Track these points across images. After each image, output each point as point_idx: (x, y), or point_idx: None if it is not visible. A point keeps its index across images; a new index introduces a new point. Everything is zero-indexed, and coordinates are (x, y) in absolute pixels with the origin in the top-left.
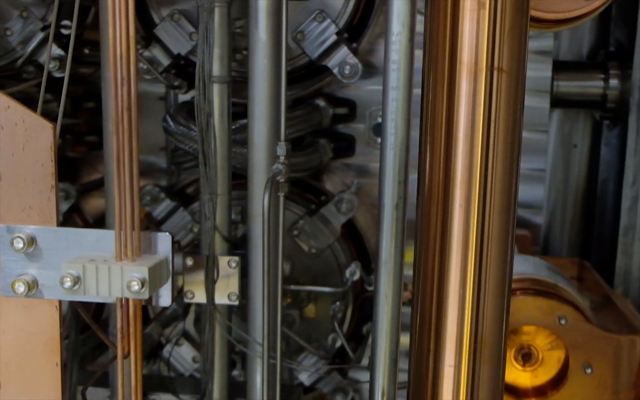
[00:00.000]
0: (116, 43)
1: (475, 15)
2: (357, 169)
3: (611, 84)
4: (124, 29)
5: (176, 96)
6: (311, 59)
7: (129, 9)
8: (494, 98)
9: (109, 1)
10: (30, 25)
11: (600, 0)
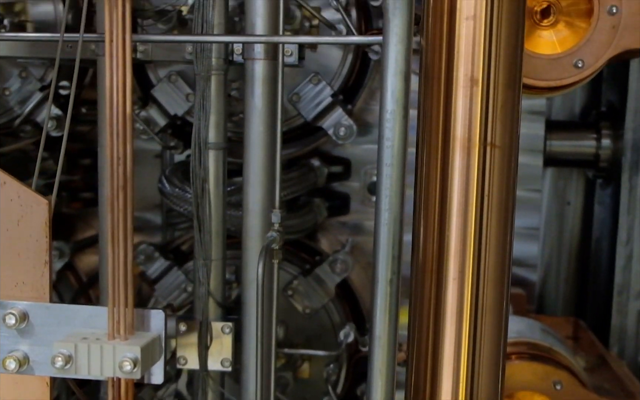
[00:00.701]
0: (113, 122)
1: (468, 91)
2: (352, 227)
3: (603, 144)
4: (122, 107)
5: (172, 155)
6: (307, 121)
7: (127, 91)
8: (487, 173)
9: (107, 82)
10: (28, 85)
11: (590, 69)
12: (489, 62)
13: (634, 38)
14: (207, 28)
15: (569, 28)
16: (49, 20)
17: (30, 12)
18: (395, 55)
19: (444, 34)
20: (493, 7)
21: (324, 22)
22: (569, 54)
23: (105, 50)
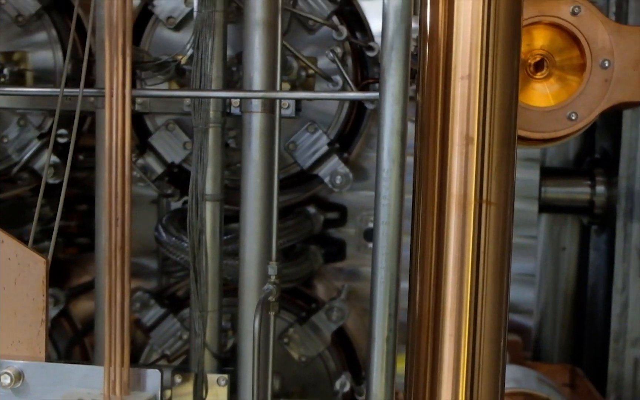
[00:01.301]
0: (112, 183)
1: (464, 149)
2: (348, 272)
3: (598, 191)
4: (121, 169)
5: (169, 202)
6: (303, 169)
7: (126, 152)
8: (482, 230)
9: (107, 141)
10: (26, 133)
11: (584, 122)
12: (484, 121)
13: (627, 92)
14: (205, 82)
15: (562, 81)
16: (49, 68)
17: (29, 61)
18: (391, 115)
19: (439, 92)
20: (488, 67)
21: (320, 74)
22: (562, 106)
23: (105, 106)
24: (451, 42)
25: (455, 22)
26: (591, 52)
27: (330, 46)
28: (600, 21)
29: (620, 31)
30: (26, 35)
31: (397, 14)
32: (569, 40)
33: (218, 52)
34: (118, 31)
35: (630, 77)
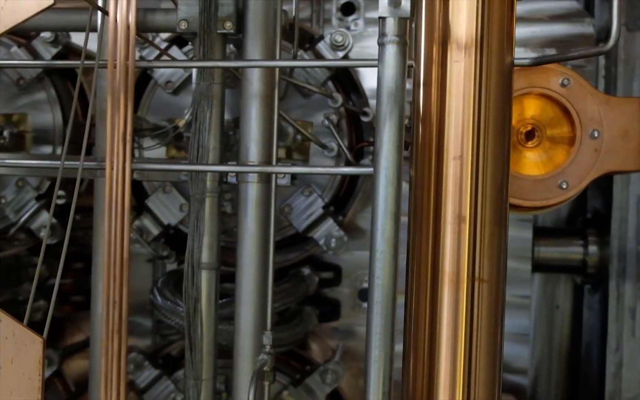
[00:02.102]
0: (110, 266)
1: (456, 228)
2: (343, 332)
3: (590, 251)
4: (119, 252)
5: (164, 264)
6: (298, 232)
7: (125, 238)
8: (475, 307)
9: (106, 225)
10: (25, 194)
11: (574, 191)
12: (476, 200)
13: (616, 161)
14: (203, 153)
15: (553, 149)
16: (48, 127)
17: (29, 123)
18: (385, 197)
19: (432, 172)
20: (479, 149)
21: (315, 142)
22: (553, 175)
23: (106, 179)
24: (443, 123)
25: (447, 105)
26: (581, 122)
27: (325, 109)
28: (589, 93)
29: (609, 102)
30: (25, 95)
31: (390, 97)
32: (559, 110)
33: (216, 123)
34: (120, 107)
35: (619, 147)
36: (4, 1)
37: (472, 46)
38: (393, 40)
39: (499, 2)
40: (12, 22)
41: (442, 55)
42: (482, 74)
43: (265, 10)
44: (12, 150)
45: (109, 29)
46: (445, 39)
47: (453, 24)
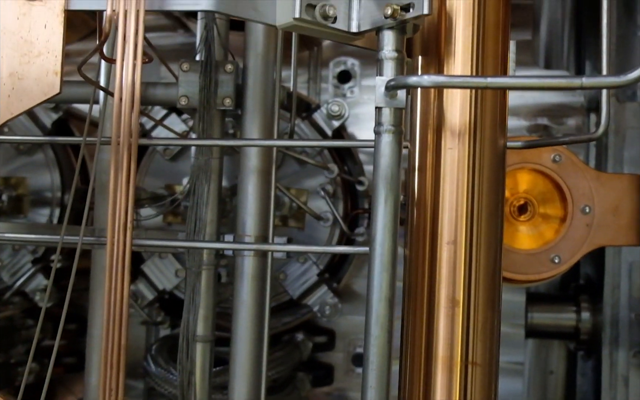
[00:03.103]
0: (107, 354)
1: (450, 312)
2: (336, 397)
3: (583, 317)
4: (117, 339)
5: (158, 327)
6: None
7: (123, 322)
8: (469, 391)
9: (105, 313)
10: (21, 258)
11: (567, 265)
12: (469, 285)
13: (607, 236)
14: (200, 226)
15: (545, 223)
16: (45, 188)
17: (27, 186)
18: (380, 283)
19: (426, 256)
20: (472, 233)
21: (310, 213)
22: (545, 249)
23: (107, 255)
24: (437, 208)
25: (442, 190)
26: (572, 197)
27: (322, 173)
28: (580, 169)
29: (600, 178)
30: (24, 156)
31: (386, 184)
32: (551, 185)
33: (213, 196)
34: (122, 183)
35: (610, 222)
36: (10, 89)
37: (465, 134)
38: (389, 130)
39: (492, 92)
40: (18, 110)
41: (437, 142)
42: (475, 161)
43: (263, 86)
44: (10, 214)
45: (113, 108)
46: (440, 127)
47: (447, 112)
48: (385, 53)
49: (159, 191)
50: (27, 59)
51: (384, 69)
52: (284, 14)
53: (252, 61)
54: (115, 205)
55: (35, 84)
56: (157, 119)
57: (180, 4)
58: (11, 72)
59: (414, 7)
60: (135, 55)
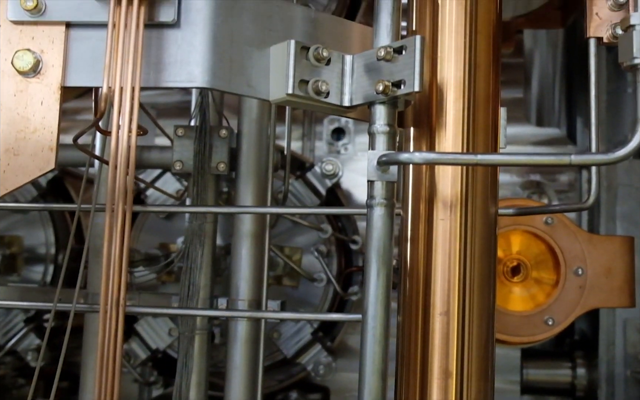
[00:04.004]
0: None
1: (443, 383)
2: None
3: (578, 373)
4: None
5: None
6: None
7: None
8: None
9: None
10: (13, 317)
11: (560, 327)
12: (462, 356)
13: (600, 298)
14: (194, 291)
15: (538, 285)
16: (39, 245)
17: (21, 244)
18: (372, 356)
19: (419, 327)
20: (465, 304)
21: (304, 275)
22: (539, 311)
23: (99, 323)
24: (430, 279)
25: (434, 261)
26: (565, 260)
27: (315, 234)
28: (572, 231)
29: (592, 240)
30: (18, 213)
31: (379, 257)
32: (544, 246)
33: (207, 260)
34: (116, 255)
35: (603, 285)
36: (6, 165)
37: (457, 205)
38: (381, 203)
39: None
40: (13, 186)
41: (429, 212)
42: (467, 231)
43: (257, 151)
44: (3, 272)
45: (108, 175)
46: (432, 198)
47: (439, 183)
48: (377, 127)
49: (152, 251)
50: (23, 135)
51: (376, 143)
52: (277, 89)
53: (247, 127)
54: (108, 274)
55: (30, 159)
56: (151, 181)
57: (175, 81)
58: (7, 148)
59: (405, 84)
60: (131, 129)
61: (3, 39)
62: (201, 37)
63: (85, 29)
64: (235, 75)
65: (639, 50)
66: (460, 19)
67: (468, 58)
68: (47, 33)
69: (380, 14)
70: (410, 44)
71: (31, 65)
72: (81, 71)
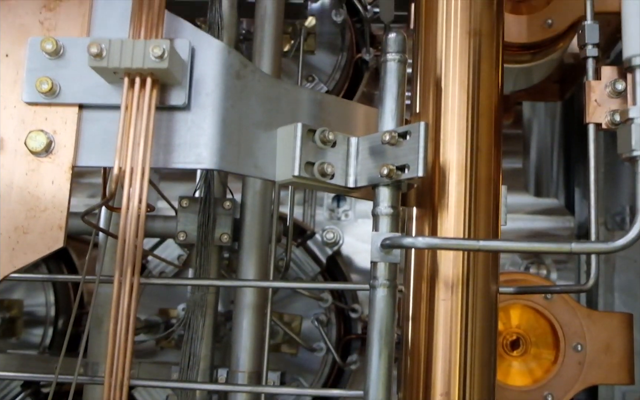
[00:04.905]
0: None
1: None
2: None
3: None
4: None
5: None
6: None
7: None
8: None
9: None
10: (11, 382)
11: None
12: None
13: (600, 374)
14: (194, 362)
15: (537, 359)
16: (39, 307)
17: (21, 307)
18: None
19: None
20: (465, 384)
21: (303, 346)
22: (538, 387)
23: (104, 395)
24: (431, 359)
25: (435, 341)
26: (564, 335)
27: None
28: (571, 306)
29: (591, 316)
30: None
31: (381, 338)
32: (544, 321)
33: (208, 331)
34: (122, 324)
35: (603, 361)
36: (15, 243)
37: (458, 285)
38: (384, 284)
39: None
40: (21, 263)
41: (430, 292)
42: (468, 311)
43: (261, 223)
44: (2, 336)
45: (113, 247)
46: (434, 278)
47: (441, 264)
48: (381, 209)
49: (152, 319)
50: (33, 214)
51: (379, 225)
52: (283, 171)
53: (250, 199)
54: (114, 348)
55: (39, 238)
56: (153, 245)
57: (184, 162)
58: (17, 226)
59: (409, 169)
60: (140, 207)
61: (17, 119)
62: (210, 120)
63: (98, 110)
64: (242, 157)
65: (637, 143)
66: (462, 103)
67: (470, 141)
68: (61, 114)
69: (385, 99)
70: (414, 130)
71: (44, 146)
72: (92, 151)
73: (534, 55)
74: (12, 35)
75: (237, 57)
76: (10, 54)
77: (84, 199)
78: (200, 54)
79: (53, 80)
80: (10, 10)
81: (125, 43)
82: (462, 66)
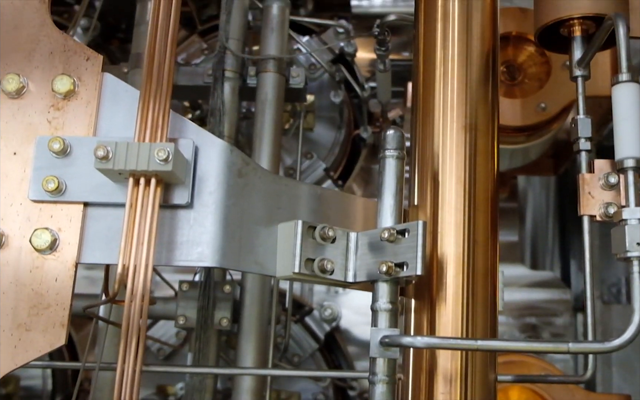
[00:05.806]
0: None
1: None
2: None
3: None
4: None
5: None
6: None
7: None
8: None
9: None
10: None
11: None
12: None
13: None
14: None
15: None
16: (36, 381)
17: (17, 383)
18: None
19: None
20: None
21: None
22: None
23: None
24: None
25: None
26: None
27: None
28: (569, 389)
29: (589, 398)
30: None
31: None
32: None
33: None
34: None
35: None
36: (17, 340)
37: (457, 378)
38: (383, 380)
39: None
40: (22, 361)
41: (429, 386)
42: None
43: (260, 305)
44: None
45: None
46: (432, 371)
47: (440, 357)
48: (380, 305)
49: (151, 397)
50: (36, 311)
51: (378, 320)
52: (284, 267)
53: (250, 282)
54: None
55: (41, 335)
56: (151, 323)
57: (187, 260)
58: (20, 323)
59: (408, 266)
60: (143, 302)
61: (23, 216)
62: (212, 219)
63: (103, 208)
64: (244, 254)
65: (631, 245)
66: (459, 196)
67: (467, 234)
68: (66, 212)
69: (384, 195)
70: (413, 228)
71: (48, 244)
72: (96, 249)
73: (528, 136)
74: (20, 134)
75: (239, 156)
76: (18, 152)
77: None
78: (203, 153)
79: (59, 178)
80: (20, 108)
81: (130, 146)
82: (459, 161)
